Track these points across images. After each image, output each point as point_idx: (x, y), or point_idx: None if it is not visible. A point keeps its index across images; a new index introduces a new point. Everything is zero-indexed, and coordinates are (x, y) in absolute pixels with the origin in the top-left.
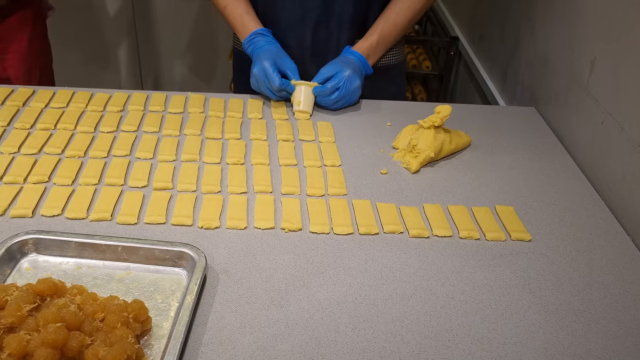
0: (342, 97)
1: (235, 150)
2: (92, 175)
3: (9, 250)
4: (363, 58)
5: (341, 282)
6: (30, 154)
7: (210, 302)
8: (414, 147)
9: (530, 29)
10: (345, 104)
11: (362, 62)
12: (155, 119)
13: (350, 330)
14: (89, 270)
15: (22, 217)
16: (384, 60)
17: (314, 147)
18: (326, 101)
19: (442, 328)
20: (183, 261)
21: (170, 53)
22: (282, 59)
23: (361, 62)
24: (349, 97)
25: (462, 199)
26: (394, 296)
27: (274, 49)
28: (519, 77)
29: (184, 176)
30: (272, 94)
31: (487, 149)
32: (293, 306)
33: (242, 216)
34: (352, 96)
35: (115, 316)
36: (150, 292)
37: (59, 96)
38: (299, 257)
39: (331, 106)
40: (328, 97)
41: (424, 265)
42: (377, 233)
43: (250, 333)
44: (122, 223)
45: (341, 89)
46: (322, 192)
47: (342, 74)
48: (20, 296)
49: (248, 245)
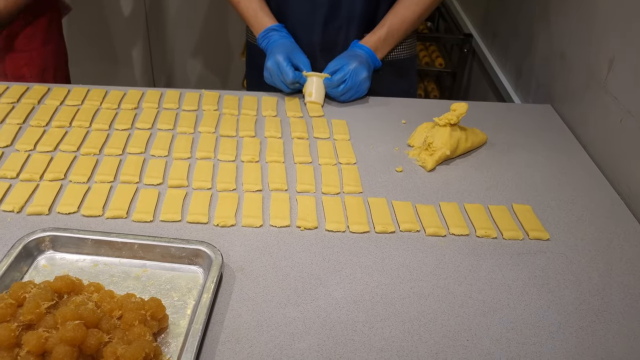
0: (349, 89)
1: (250, 148)
2: (108, 172)
3: (26, 248)
4: (370, 51)
5: (358, 280)
6: (46, 152)
7: (227, 300)
8: (430, 144)
9: (546, 25)
10: (354, 95)
11: (370, 55)
12: (169, 117)
13: (367, 329)
14: (106, 268)
15: (39, 215)
16: (394, 54)
17: (328, 145)
18: (334, 93)
19: (460, 327)
20: (199, 259)
21: (183, 51)
22: (295, 53)
23: (369, 54)
24: (357, 88)
25: (478, 198)
26: (411, 295)
27: (287, 44)
28: (534, 74)
29: (199, 174)
30: (285, 87)
31: (503, 147)
32: (310, 305)
33: (257, 214)
34: (360, 88)
35: (133, 314)
36: (167, 290)
37: (73, 94)
38: (315, 256)
39: (339, 98)
40: (335, 89)
41: (441, 264)
42: (394, 231)
43: (267, 332)
44: (138, 221)
45: (347, 81)
46: (337, 190)
47: (347, 66)
48: (39, 293)
49: (264, 243)
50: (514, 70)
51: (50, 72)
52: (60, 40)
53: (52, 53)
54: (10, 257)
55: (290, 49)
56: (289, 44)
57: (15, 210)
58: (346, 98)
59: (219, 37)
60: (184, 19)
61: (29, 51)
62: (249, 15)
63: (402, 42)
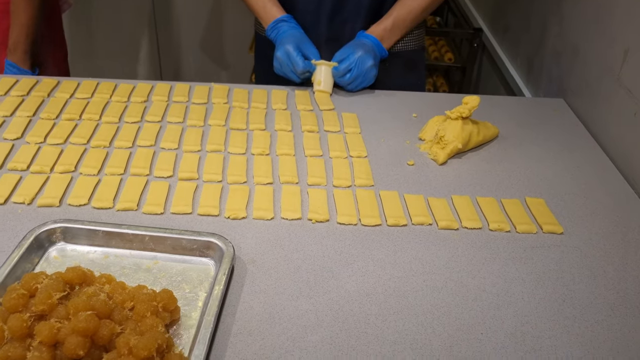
0: (355, 78)
1: (260, 141)
2: (118, 165)
3: (38, 239)
4: (376, 40)
5: (370, 273)
6: (56, 144)
7: (239, 293)
8: (441, 138)
9: (559, 18)
10: (361, 84)
11: (376, 44)
12: (179, 110)
13: (380, 322)
14: (117, 260)
15: (50, 207)
16: (401, 45)
17: (339, 138)
18: (341, 82)
19: (474, 321)
20: (211, 251)
21: (190, 46)
22: (304, 43)
23: (374, 44)
24: (363, 77)
25: (490, 191)
26: (424, 288)
27: (297, 34)
28: (545, 68)
29: (210, 166)
30: (295, 77)
31: (515, 141)
32: (322, 297)
33: (268, 207)
34: (367, 76)
35: (145, 305)
36: (178, 282)
37: (83, 87)
38: (326, 248)
39: (347, 87)
40: (342, 77)
41: (454, 258)
42: (406, 224)
43: (279, 324)
44: (149, 213)
45: (353, 70)
46: (348, 183)
47: (353, 55)
48: (50, 284)
49: (275, 236)
50: (524, 64)
51: (47, 67)
52: (58, 34)
53: (49, 47)
54: (22, 248)
55: (300, 39)
56: (298, 34)
57: (26, 202)
58: (353, 87)
59: (226, 33)
60: (191, 13)
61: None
62: (257, 7)
63: (410, 34)
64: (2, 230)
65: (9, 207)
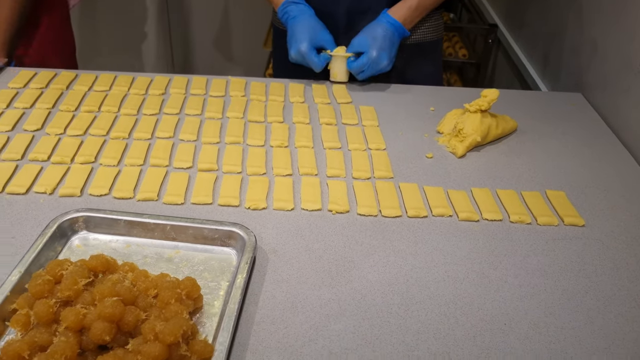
0: (369, 75)
1: (278, 133)
2: (137, 156)
3: (60, 228)
4: (399, 24)
5: (391, 264)
6: (76, 135)
7: (261, 282)
8: (460, 131)
9: (576, 13)
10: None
11: (398, 27)
12: (197, 102)
13: (403, 312)
14: (138, 249)
15: (71, 196)
16: (420, 35)
17: (357, 131)
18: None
19: (497, 312)
20: (232, 240)
21: (203, 41)
22: (317, 34)
23: (396, 29)
24: (376, 73)
25: (510, 184)
26: (446, 279)
27: (307, 23)
28: (563, 62)
29: (229, 158)
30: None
31: (533, 135)
32: (344, 287)
33: (288, 198)
34: (380, 72)
35: (169, 292)
36: (200, 271)
37: (101, 80)
38: (347, 239)
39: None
40: (357, 75)
41: (475, 249)
42: (426, 216)
43: (302, 312)
44: (169, 203)
45: (366, 71)
46: (368, 175)
47: (367, 55)
48: (75, 271)
49: (296, 227)
50: (541, 59)
51: (52, 62)
52: (65, 29)
53: (53, 42)
54: (45, 236)
55: (312, 30)
56: (309, 22)
57: (48, 192)
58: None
59: (239, 28)
60: (204, 10)
61: (28, 39)
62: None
63: (429, 24)
64: (25, 220)
65: (30, 197)
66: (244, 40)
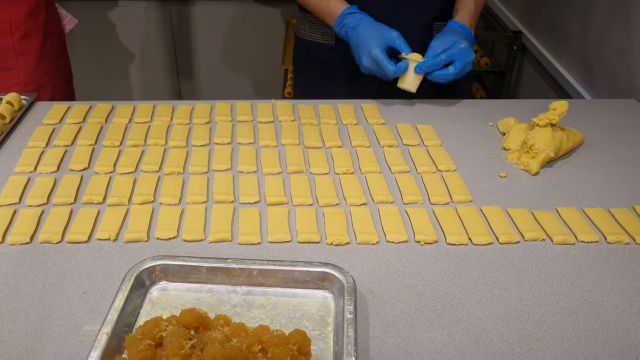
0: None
1: (341, 159)
2: (198, 192)
3: (138, 279)
4: (468, 29)
5: (497, 297)
6: (127, 173)
7: (366, 327)
8: (531, 147)
9: (624, 17)
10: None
11: (468, 32)
12: (247, 130)
13: (525, 351)
14: (225, 297)
15: (137, 242)
16: None
17: (422, 152)
18: (441, 76)
19: (624, 345)
20: (327, 283)
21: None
22: (384, 35)
23: (467, 33)
24: (465, 69)
25: (594, 200)
26: (560, 311)
27: (370, 30)
28: (609, 68)
29: (297, 189)
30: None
31: (602, 146)
32: (455, 326)
33: (371, 230)
34: (468, 65)
35: (283, 350)
36: (298, 318)
37: (140, 110)
38: (443, 272)
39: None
40: (444, 70)
41: (580, 275)
42: (518, 241)
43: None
44: (245, 243)
45: (456, 63)
46: (446, 200)
47: (456, 45)
48: (176, 332)
49: (385, 262)
50: (579, 65)
51: (47, 91)
52: (61, 56)
53: (49, 70)
54: (125, 291)
55: (378, 33)
56: (371, 27)
57: (112, 238)
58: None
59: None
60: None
61: (20, 69)
62: (321, 6)
63: None
64: (93, 271)
65: (94, 245)
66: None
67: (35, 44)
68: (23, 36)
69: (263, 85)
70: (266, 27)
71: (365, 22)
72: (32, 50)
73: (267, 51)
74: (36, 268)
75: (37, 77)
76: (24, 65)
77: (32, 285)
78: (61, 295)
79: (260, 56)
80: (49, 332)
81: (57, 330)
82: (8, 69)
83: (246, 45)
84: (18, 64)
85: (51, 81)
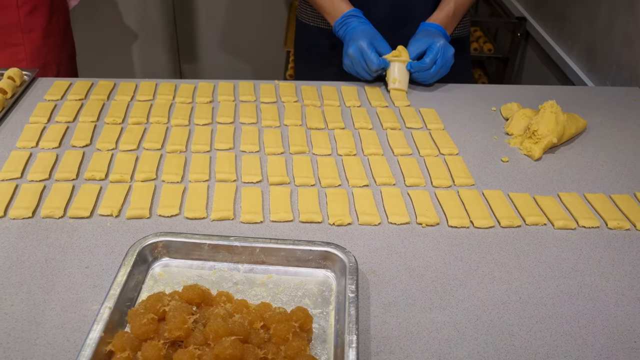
0: (439, 69)
1: (344, 141)
2: (200, 171)
3: (140, 255)
4: (442, 29)
5: (498, 279)
6: (129, 150)
7: (367, 306)
8: (534, 132)
9: (629, 4)
10: (442, 75)
11: (443, 32)
12: (250, 110)
13: (525, 333)
14: (227, 275)
15: (139, 218)
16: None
17: (425, 135)
18: (424, 76)
19: (622, 328)
20: (328, 262)
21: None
22: (377, 39)
23: (442, 32)
24: (445, 68)
25: (596, 186)
26: (559, 294)
27: (368, 30)
28: (613, 56)
29: (299, 169)
30: (367, 74)
31: (604, 132)
32: (456, 307)
33: (373, 211)
34: (447, 66)
35: (285, 326)
36: (299, 297)
37: (142, 89)
38: (445, 254)
39: (429, 80)
40: (427, 71)
41: (581, 260)
42: (520, 225)
43: (419, 339)
44: (247, 222)
45: (438, 61)
46: (449, 183)
47: (436, 44)
48: (180, 307)
49: (387, 243)
50: (583, 52)
51: (52, 68)
52: (65, 33)
53: (54, 47)
54: (128, 266)
55: (372, 35)
56: (369, 30)
57: (114, 214)
58: (434, 80)
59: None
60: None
61: (27, 44)
62: (324, 3)
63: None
64: (95, 246)
65: (96, 221)
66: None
67: (41, 20)
68: (29, 11)
69: (264, 67)
70: (268, 9)
71: (367, 25)
72: (38, 27)
73: (269, 33)
74: (38, 242)
75: (43, 53)
76: (30, 41)
77: (35, 259)
78: (63, 269)
79: (262, 38)
80: (52, 306)
81: (59, 304)
82: (14, 45)
83: (248, 26)
84: (24, 40)
85: (56, 58)
